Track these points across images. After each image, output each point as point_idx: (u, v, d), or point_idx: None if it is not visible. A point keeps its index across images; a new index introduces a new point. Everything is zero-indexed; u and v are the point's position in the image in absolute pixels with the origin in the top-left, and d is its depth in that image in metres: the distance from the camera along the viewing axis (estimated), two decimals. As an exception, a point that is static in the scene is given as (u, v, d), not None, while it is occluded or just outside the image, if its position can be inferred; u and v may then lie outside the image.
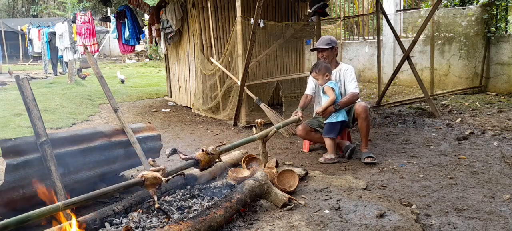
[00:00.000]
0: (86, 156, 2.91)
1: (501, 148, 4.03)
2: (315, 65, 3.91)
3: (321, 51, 3.98)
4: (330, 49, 3.95)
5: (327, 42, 3.95)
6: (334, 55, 4.00)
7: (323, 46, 3.94)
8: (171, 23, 6.93)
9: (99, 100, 8.54)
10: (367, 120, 3.71)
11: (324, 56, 3.97)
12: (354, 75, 3.89)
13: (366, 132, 3.75)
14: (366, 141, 3.79)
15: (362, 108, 3.69)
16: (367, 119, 3.71)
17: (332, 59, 4.00)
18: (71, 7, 19.40)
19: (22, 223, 1.72)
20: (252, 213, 2.61)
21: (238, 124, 5.63)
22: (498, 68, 7.45)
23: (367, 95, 8.19)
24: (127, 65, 19.56)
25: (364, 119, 3.70)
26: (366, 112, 3.69)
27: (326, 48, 3.93)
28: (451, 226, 2.40)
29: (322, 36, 4.16)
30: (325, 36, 4.07)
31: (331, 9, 12.94)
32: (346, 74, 3.91)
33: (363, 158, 3.70)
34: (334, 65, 4.00)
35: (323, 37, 4.08)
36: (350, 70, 3.92)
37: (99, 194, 2.00)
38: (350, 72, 3.90)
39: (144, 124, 3.55)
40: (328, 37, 4.05)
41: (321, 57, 4.00)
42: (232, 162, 3.64)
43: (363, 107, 3.69)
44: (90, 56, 3.61)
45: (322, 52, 3.96)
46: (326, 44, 3.94)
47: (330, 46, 3.94)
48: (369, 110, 3.74)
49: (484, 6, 7.52)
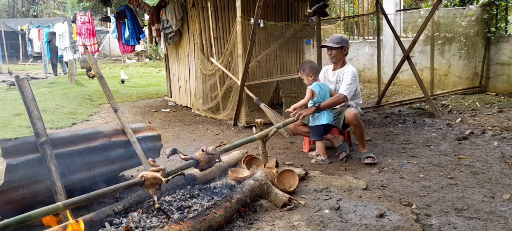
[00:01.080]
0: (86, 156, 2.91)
1: (501, 148, 4.03)
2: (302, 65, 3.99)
3: (330, 49, 3.92)
4: (339, 48, 3.88)
5: (338, 41, 3.89)
6: (342, 55, 3.93)
7: (332, 45, 3.87)
8: (171, 23, 6.93)
9: (99, 100, 8.54)
10: (359, 126, 3.71)
11: (332, 54, 3.91)
12: (350, 78, 3.78)
13: (360, 136, 3.77)
14: (362, 143, 3.80)
15: (351, 116, 3.67)
16: (359, 125, 3.70)
17: (340, 59, 3.93)
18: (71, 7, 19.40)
19: (22, 223, 1.72)
20: (252, 213, 2.61)
21: (238, 124, 5.63)
22: (498, 68, 7.45)
23: (367, 95, 8.19)
24: (127, 65, 19.56)
25: (356, 126, 3.71)
26: (356, 119, 3.67)
27: (336, 46, 3.86)
28: (451, 226, 2.40)
29: (334, 34, 4.12)
30: (337, 35, 4.02)
31: (331, 9, 12.94)
32: (345, 76, 3.86)
33: (363, 158, 3.70)
34: (340, 64, 3.96)
35: (335, 35, 4.02)
36: (349, 73, 3.83)
37: (99, 194, 2.00)
38: (348, 74, 3.82)
39: (144, 124, 3.55)
40: (339, 35, 3.98)
41: (329, 55, 3.95)
42: (232, 162, 3.64)
43: (352, 115, 3.66)
44: (90, 56, 3.61)
45: (331, 50, 3.90)
46: (336, 43, 3.87)
47: (340, 45, 3.87)
48: (358, 116, 3.70)
49: (484, 6, 7.52)
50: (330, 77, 4.01)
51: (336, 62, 3.96)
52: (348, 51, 3.98)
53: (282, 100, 6.11)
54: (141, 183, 2.15)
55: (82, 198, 1.92)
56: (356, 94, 3.93)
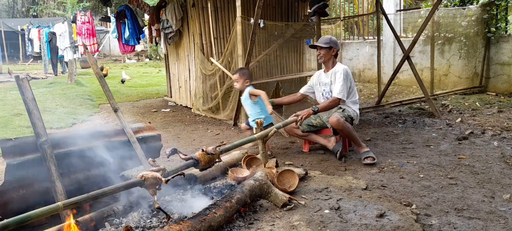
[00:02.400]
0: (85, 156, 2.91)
1: (501, 148, 4.03)
2: (240, 69, 4.19)
3: (318, 49, 3.98)
4: (327, 49, 3.92)
5: (326, 41, 3.94)
6: (331, 56, 3.96)
7: (321, 45, 3.94)
8: (171, 23, 6.93)
9: (99, 100, 8.54)
10: (345, 130, 3.71)
11: (320, 54, 3.97)
12: (341, 78, 3.79)
13: (351, 137, 3.80)
14: (357, 143, 3.80)
15: (334, 122, 3.68)
16: (344, 129, 3.71)
17: (329, 59, 3.97)
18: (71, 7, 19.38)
19: (22, 223, 1.72)
20: (252, 213, 2.61)
21: (238, 124, 5.63)
22: (498, 68, 7.45)
23: (367, 95, 8.19)
24: (127, 65, 19.56)
25: (341, 131, 3.74)
26: (339, 124, 3.67)
27: (324, 46, 3.92)
28: (451, 226, 2.40)
29: (324, 36, 4.16)
30: (327, 36, 4.07)
31: (331, 9, 12.94)
32: (336, 75, 3.86)
33: (363, 159, 3.70)
34: (331, 65, 3.98)
35: (325, 36, 4.08)
36: (340, 72, 3.83)
37: (99, 194, 2.00)
38: (340, 74, 3.82)
39: (144, 124, 3.55)
40: (329, 37, 4.03)
41: (318, 55, 4.02)
42: (232, 162, 3.64)
43: (335, 122, 3.67)
44: (90, 56, 3.60)
45: (320, 50, 3.96)
46: (324, 43, 3.93)
47: (328, 46, 3.91)
48: (341, 120, 3.67)
49: (484, 6, 7.52)
50: (324, 79, 4.02)
51: (325, 63, 4.00)
52: (337, 53, 3.98)
53: (282, 101, 6.11)
54: (141, 183, 2.15)
55: (81, 197, 1.92)
56: (351, 91, 3.92)
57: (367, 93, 8.46)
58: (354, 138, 3.77)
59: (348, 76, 3.86)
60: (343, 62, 10.68)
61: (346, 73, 3.84)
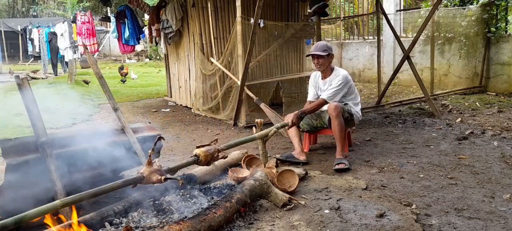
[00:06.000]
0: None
1: (501, 148, 4.03)
2: None
3: (316, 58, 3.79)
4: (326, 56, 3.78)
5: (324, 48, 3.76)
6: (329, 63, 3.84)
7: (320, 53, 3.74)
8: (171, 23, 6.92)
9: (99, 100, 8.54)
10: (338, 119, 3.56)
11: (320, 63, 3.79)
12: (338, 85, 3.72)
13: (339, 134, 3.60)
14: (340, 144, 3.61)
15: (332, 107, 3.59)
16: (338, 117, 3.56)
17: (328, 66, 3.85)
18: (71, 7, 19.39)
19: (20, 222, 1.71)
20: (252, 213, 2.61)
21: (238, 124, 5.63)
22: (498, 68, 7.45)
23: (367, 95, 8.19)
24: (127, 65, 19.54)
25: (335, 117, 3.57)
26: (336, 110, 3.56)
27: (323, 55, 3.76)
28: (451, 226, 2.40)
29: (318, 42, 4.00)
30: (321, 42, 3.92)
31: (331, 9, 12.93)
32: (333, 81, 3.79)
33: (334, 165, 3.51)
34: (329, 72, 3.88)
35: (319, 42, 3.91)
36: (339, 77, 3.76)
37: (97, 192, 2.00)
38: (336, 80, 3.76)
39: (144, 124, 3.55)
40: (324, 43, 3.87)
41: (316, 64, 3.82)
42: (232, 162, 3.63)
43: (333, 107, 3.58)
44: (90, 56, 3.61)
45: (318, 58, 3.78)
46: (322, 51, 3.76)
47: (327, 53, 3.77)
48: (340, 109, 3.60)
49: (484, 6, 7.52)
50: (322, 85, 3.94)
51: (324, 71, 3.87)
52: (332, 58, 3.89)
53: (282, 101, 6.11)
54: (140, 180, 2.15)
55: (80, 196, 1.92)
56: (351, 93, 3.88)
57: (367, 93, 8.46)
58: (342, 137, 3.63)
59: (347, 82, 3.79)
60: (343, 62, 10.69)
61: (345, 79, 3.77)
